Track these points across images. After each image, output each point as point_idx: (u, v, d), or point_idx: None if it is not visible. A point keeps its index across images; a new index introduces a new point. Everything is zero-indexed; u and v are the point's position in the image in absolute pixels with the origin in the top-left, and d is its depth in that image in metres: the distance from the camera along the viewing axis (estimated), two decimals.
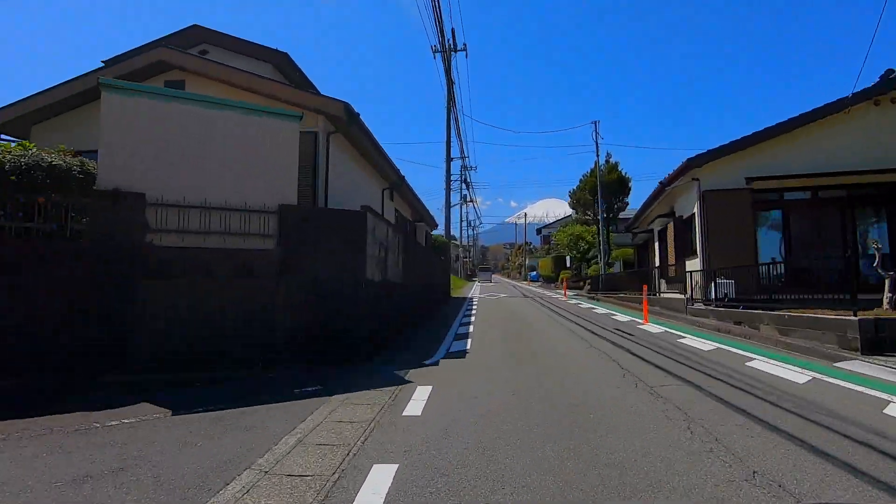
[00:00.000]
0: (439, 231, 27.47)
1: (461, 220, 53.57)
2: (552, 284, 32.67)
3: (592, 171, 23.27)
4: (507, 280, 62.26)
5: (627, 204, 24.37)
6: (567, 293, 23.91)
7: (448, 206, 24.15)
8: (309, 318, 6.19)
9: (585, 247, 28.71)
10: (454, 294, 26.45)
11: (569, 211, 45.72)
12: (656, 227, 18.08)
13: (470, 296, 24.99)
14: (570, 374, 5.71)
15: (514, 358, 7.21)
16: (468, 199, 53.75)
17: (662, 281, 17.44)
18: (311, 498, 2.34)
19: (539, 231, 72.34)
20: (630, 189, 23.65)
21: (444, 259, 24.98)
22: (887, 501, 2.28)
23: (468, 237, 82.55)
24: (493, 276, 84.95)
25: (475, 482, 2.51)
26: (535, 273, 48.22)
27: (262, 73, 10.35)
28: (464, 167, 43.60)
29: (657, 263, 18.59)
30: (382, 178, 14.87)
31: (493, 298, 22.76)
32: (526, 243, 60.69)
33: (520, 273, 61.30)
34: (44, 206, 5.42)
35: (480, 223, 61.17)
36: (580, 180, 25.52)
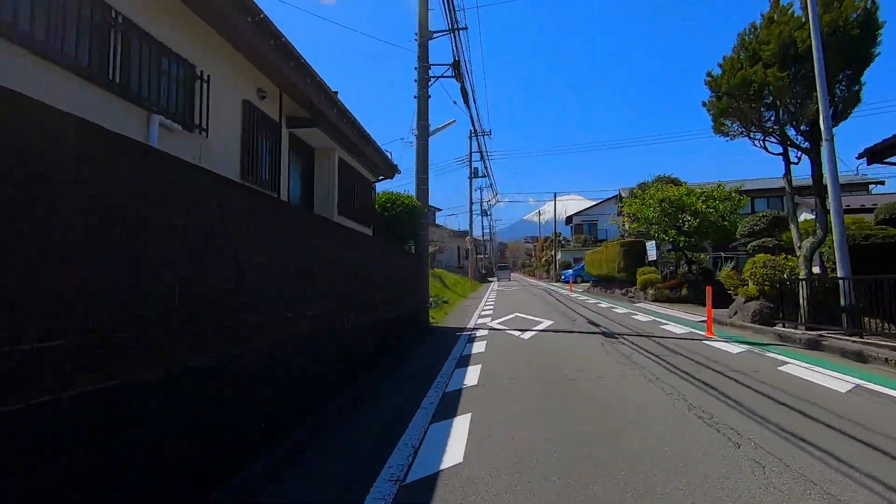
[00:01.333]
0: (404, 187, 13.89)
1: (471, 203, 40.17)
2: (615, 290, 18.80)
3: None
4: (531, 280, 48.65)
5: (859, 92, 8.04)
6: (710, 322, 10.50)
7: (423, 116, 10.71)
8: None
9: (694, 223, 15.02)
10: (447, 313, 13.28)
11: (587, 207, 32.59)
12: None
13: (480, 313, 12.03)
14: None
15: None
16: (481, 173, 40.28)
17: None
18: None
19: (569, 220, 58.34)
20: (874, 56, 9.33)
21: (416, 246, 11.73)
22: None
23: (484, 230, 69.08)
24: (510, 274, 71.89)
25: None
26: (571, 272, 34.68)
27: None
28: (475, 133, 29.56)
29: None
30: None
31: (533, 332, 9.25)
32: (556, 234, 46.81)
33: (548, 272, 47.70)
34: None
35: (497, 201, 47.35)
36: (733, 50, 10.55)
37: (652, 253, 16.73)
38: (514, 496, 2.43)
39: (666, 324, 9.98)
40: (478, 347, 7.34)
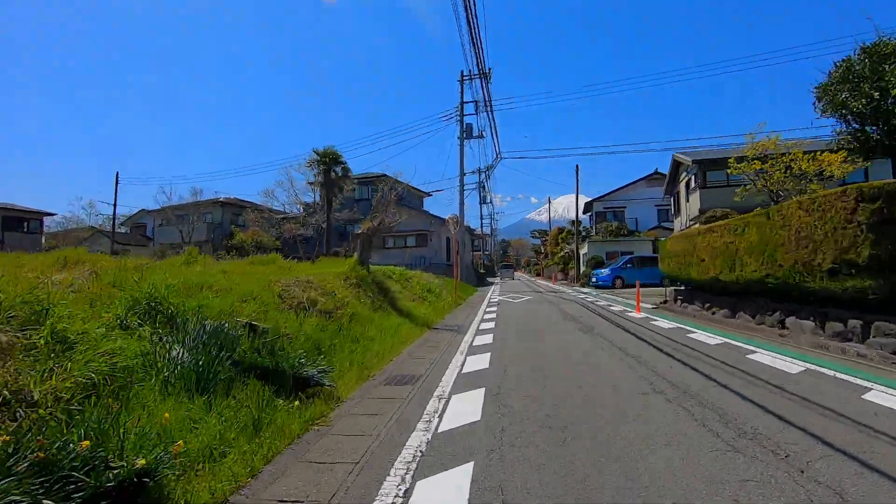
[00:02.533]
0: None
1: (461, 167, 28.96)
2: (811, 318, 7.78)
3: None
4: (543, 283, 37.76)
5: None
6: None
7: None
8: None
9: None
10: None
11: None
12: None
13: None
14: None
15: None
16: (476, 131, 29.17)
17: None
18: None
19: (588, 207, 47.28)
20: None
21: None
22: None
23: (483, 221, 58.25)
24: (514, 272, 61.42)
25: None
26: (606, 271, 23.82)
27: None
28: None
29: None
30: None
31: None
32: (576, 223, 35.74)
33: (565, 271, 36.65)
34: None
35: (499, 158, 36.25)
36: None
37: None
38: None
39: None
40: None
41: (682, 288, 13.08)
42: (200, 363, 3.74)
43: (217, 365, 3.84)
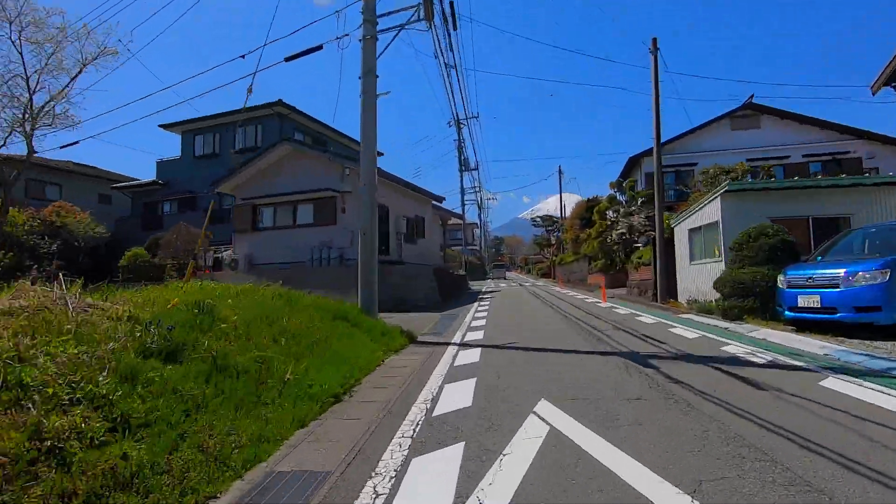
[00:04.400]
0: None
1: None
2: None
3: None
4: (567, 292, 20.53)
5: None
6: None
7: None
8: None
9: None
10: None
11: None
12: None
13: None
14: None
15: None
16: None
17: None
18: None
19: (632, 165, 29.67)
20: None
21: None
22: None
23: (467, 196, 41.29)
24: (506, 272, 59.72)
25: None
26: (880, 281, 6.97)
27: None
28: None
29: None
30: None
31: None
32: (656, 152, 17.83)
33: (605, 266, 19.18)
34: None
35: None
36: None
37: None
38: None
39: None
40: None
41: None
42: None
43: None
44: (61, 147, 41.24)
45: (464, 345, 7.38)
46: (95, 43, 17.96)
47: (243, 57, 10.14)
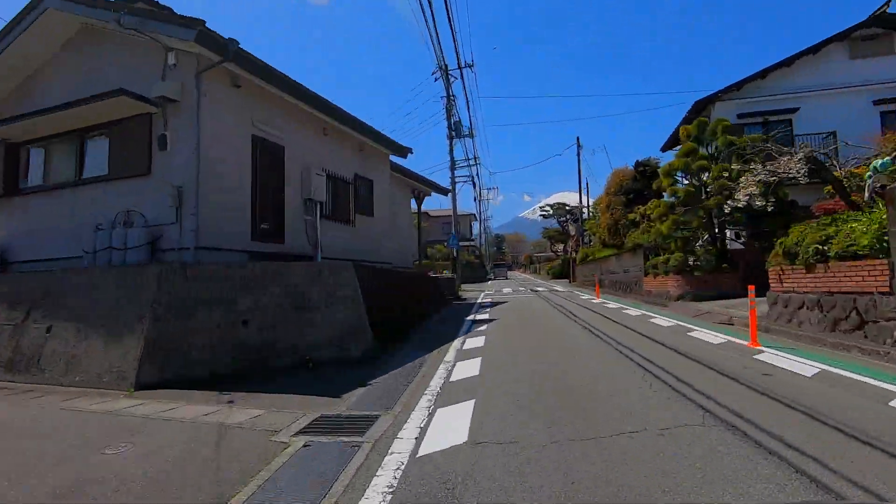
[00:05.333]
0: None
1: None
2: None
3: None
4: (631, 313, 11.83)
5: None
6: None
7: None
8: None
9: None
10: None
11: None
12: None
13: None
14: None
15: None
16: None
17: None
18: None
19: (700, 108, 20.62)
20: None
21: None
22: None
23: (459, 171, 32.31)
24: (507, 272, 57.90)
25: None
26: None
27: None
28: None
29: None
30: None
31: None
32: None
33: (727, 271, 10.81)
34: None
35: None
36: None
37: None
38: None
39: None
40: None
41: None
42: None
43: None
44: None
45: None
46: None
47: None
